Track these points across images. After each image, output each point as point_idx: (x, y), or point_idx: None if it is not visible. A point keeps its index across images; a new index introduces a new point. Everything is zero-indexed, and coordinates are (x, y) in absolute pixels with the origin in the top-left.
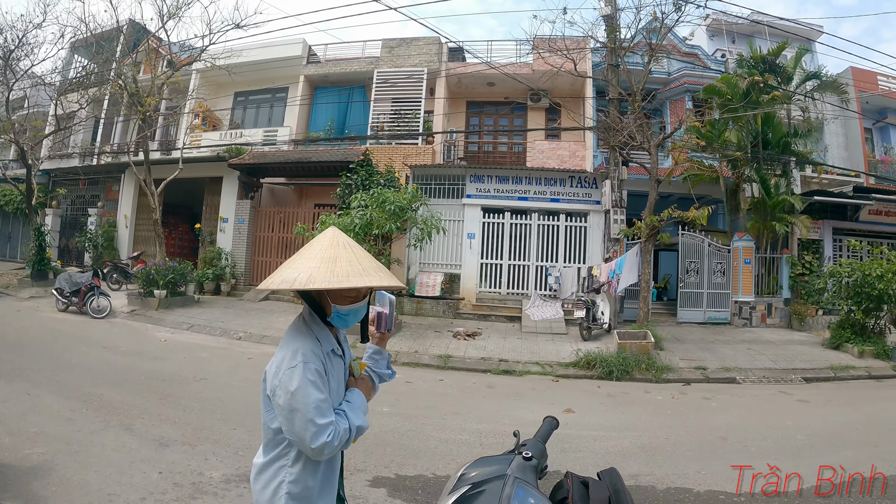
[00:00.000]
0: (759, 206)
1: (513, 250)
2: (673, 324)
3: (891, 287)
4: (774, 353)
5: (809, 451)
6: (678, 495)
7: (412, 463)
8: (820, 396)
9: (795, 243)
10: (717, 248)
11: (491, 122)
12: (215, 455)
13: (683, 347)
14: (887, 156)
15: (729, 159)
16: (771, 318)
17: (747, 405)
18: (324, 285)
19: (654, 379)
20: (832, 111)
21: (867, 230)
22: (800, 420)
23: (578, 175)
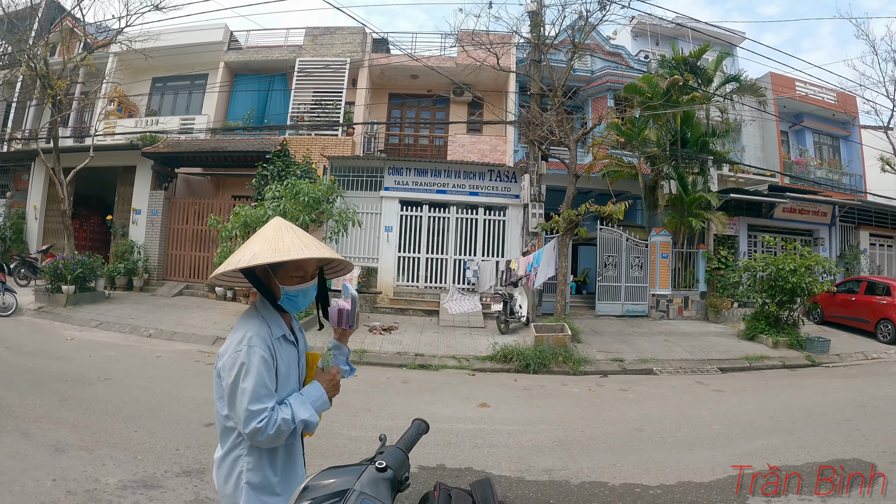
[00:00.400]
0: (676, 202)
1: (431, 244)
2: (591, 317)
3: (803, 281)
4: (691, 345)
5: (725, 440)
6: (593, 489)
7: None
8: (735, 386)
9: (712, 239)
10: (634, 243)
11: (413, 114)
12: (113, 460)
13: (601, 340)
14: (802, 157)
15: (648, 156)
16: (688, 311)
17: (664, 396)
18: (266, 259)
19: (571, 371)
20: (751, 113)
21: (781, 227)
22: (716, 410)
23: (498, 169)
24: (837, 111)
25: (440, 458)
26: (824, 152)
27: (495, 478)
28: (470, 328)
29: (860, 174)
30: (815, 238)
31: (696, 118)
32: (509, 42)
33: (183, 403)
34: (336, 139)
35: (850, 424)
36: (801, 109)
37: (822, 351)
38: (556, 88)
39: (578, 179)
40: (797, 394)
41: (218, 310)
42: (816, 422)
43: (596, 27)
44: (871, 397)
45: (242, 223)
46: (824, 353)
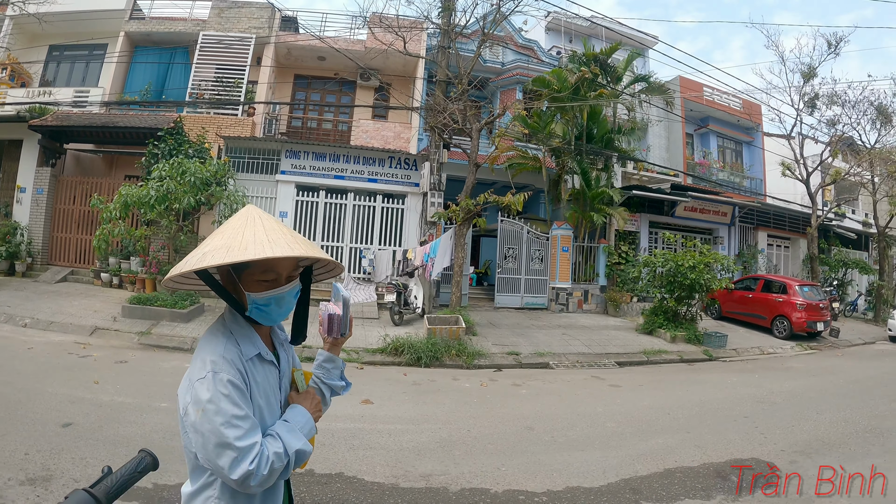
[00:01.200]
0: (579, 197)
1: (327, 231)
2: (491, 309)
3: (702, 277)
4: (589, 338)
5: (619, 439)
6: (473, 497)
7: (175, 469)
8: (632, 381)
9: (613, 234)
10: (536, 236)
11: (318, 97)
12: None
13: (498, 332)
14: (705, 159)
15: (553, 150)
16: (587, 304)
17: (558, 391)
18: (216, 261)
19: (464, 365)
20: (658, 114)
21: (682, 225)
22: (611, 406)
23: (399, 156)
24: (742, 117)
25: (311, 463)
26: (727, 156)
27: (366, 485)
28: (363, 319)
29: (761, 178)
30: (716, 237)
31: (603, 115)
32: (419, 27)
33: (44, 401)
34: (236, 119)
35: (748, 421)
36: (708, 114)
37: (719, 346)
38: (462, 76)
39: (482, 171)
40: (694, 389)
41: (101, 297)
42: (714, 418)
43: (507, 17)
44: (768, 392)
45: (122, 204)
46: (722, 347)
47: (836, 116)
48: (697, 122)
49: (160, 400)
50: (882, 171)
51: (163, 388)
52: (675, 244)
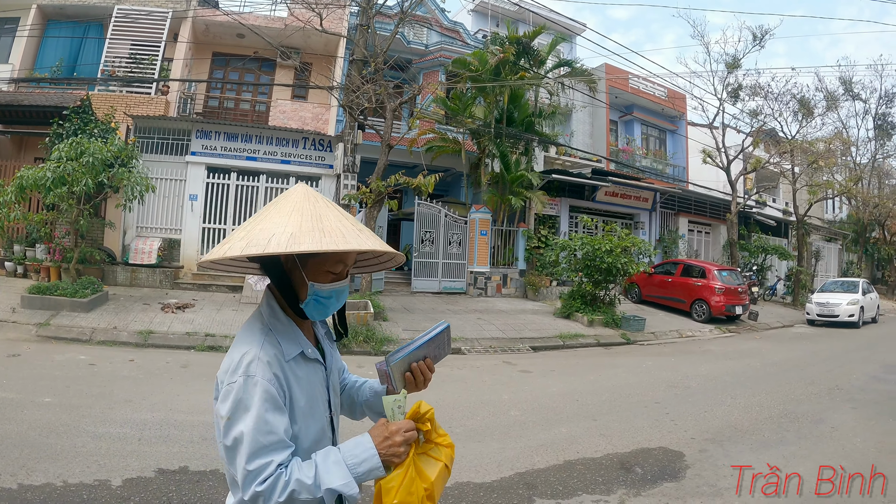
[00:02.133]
0: (499, 180)
1: (239, 214)
2: (408, 293)
3: (619, 261)
4: (504, 323)
5: (521, 428)
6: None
7: (45, 468)
8: (545, 366)
9: (532, 218)
10: (454, 219)
11: (237, 76)
12: None
13: (411, 317)
14: (629, 146)
15: (473, 133)
16: (506, 288)
17: (466, 378)
18: (314, 247)
19: (373, 352)
20: (583, 100)
21: (604, 210)
22: (518, 393)
23: (314, 137)
24: (667, 106)
25: (186, 458)
26: (651, 143)
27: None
28: None
29: (683, 166)
30: (637, 222)
31: (525, 99)
32: (338, 4)
33: None
34: (148, 98)
35: (660, 407)
36: (633, 101)
37: (637, 329)
38: (379, 55)
39: (401, 154)
40: (608, 373)
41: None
42: (624, 405)
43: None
44: (683, 376)
45: (18, 187)
46: (640, 331)
47: (758, 107)
48: (622, 110)
49: (45, 395)
50: (802, 162)
51: (51, 383)
52: (593, 228)
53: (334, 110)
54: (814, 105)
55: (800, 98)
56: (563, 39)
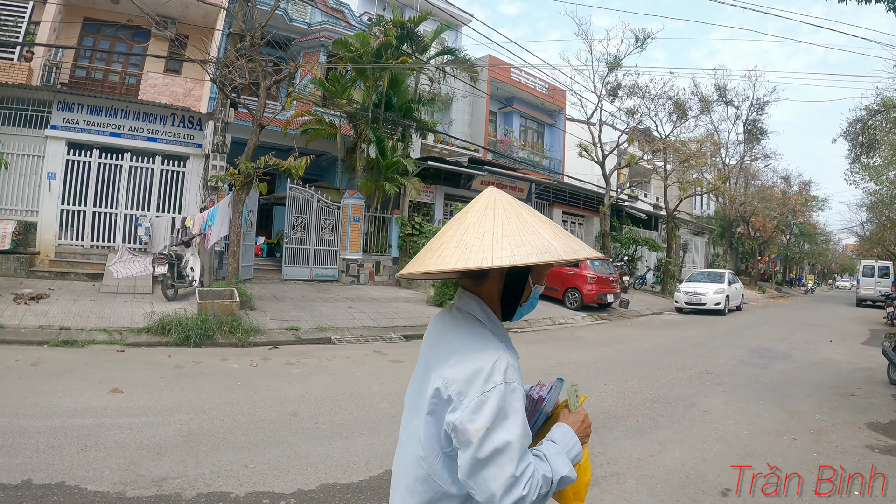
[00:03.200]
0: (374, 166)
1: (100, 195)
2: (279, 281)
3: None
4: (376, 311)
5: (390, 422)
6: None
7: None
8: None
9: (407, 205)
10: (326, 205)
11: (108, 45)
12: None
13: (279, 306)
14: (507, 137)
15: (350, 117)
16: (379, 276)
17: (334, 370)
18: (583, 255)
19: (239, 343)
20: (464, 89)
21: None
22: (388, 384)
23: (183, 114)
24: (547, 101)
25: (31, 471)
26: (529, 135)
27: (88, 496)
28: (135, 294)
29: (560, 159)
30: None
31: (405, 84)
32: None
33: None
34: (10, 64)
35: None
36: (514, 94)
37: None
38: (256, 29)
39: (275, 136)
40: None
41: None
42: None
43: None
44: (555, 364)
45: None
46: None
47: (635, 106)
48: (503, 101)
49: None
50: (674, 160)
51: None
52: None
53: (208, 86)
54: (688, 108)
55: (675, 100)
56: (448, 27)
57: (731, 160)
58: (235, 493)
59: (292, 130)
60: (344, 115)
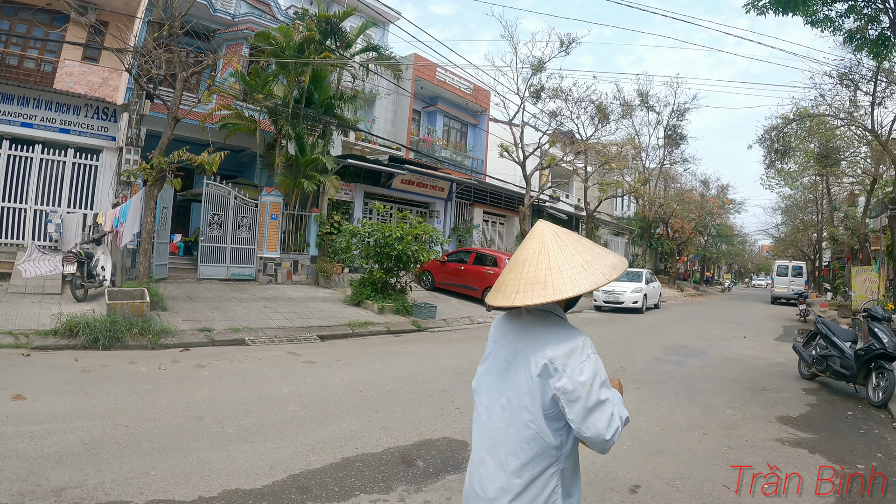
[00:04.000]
0: (293, 163)
1: (8, 190)
2: (194, 280)
3: (409, 248)
4: (292, 311)
5: (298, 425)
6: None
7: None
8: (331, 356)
9: (326, 203)
10: (244, 202)
11: (24, 29)
12: None
13: (193, 307)
14: (429, 136)
15: (271, 112)
16: (297, 275)
17: (245, 372)
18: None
19: (149, 345)
20: (388, 87)
21: (399, 198)
22: (300, 386)
23: (98, 104)
24: (471, 101)
25: None
26: (452, 135)
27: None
28: (43, 295)
29: (482, 159)
30: (432, 211)
31: (327, 80)
32: None
33: None
34: None
35: (446, 396)
36: (438, 94)
37: (428, 316)
38: (175, 18)
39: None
40: (395, 362)
41: None
42: (409, 395)
43: None
44: (471, 363)
45: None
46: (431, 318)
47: (558, 109)
48: (427, 101)
49: None
50: (595, 162)
51: None
52: (388, 216)
53: (125, 76)
54: (610, 112)
55: (598, 104)
56: (374, 24)
57: (651, 164)
58: (135, 502)
59: (211, 125)
60: (264, 111)
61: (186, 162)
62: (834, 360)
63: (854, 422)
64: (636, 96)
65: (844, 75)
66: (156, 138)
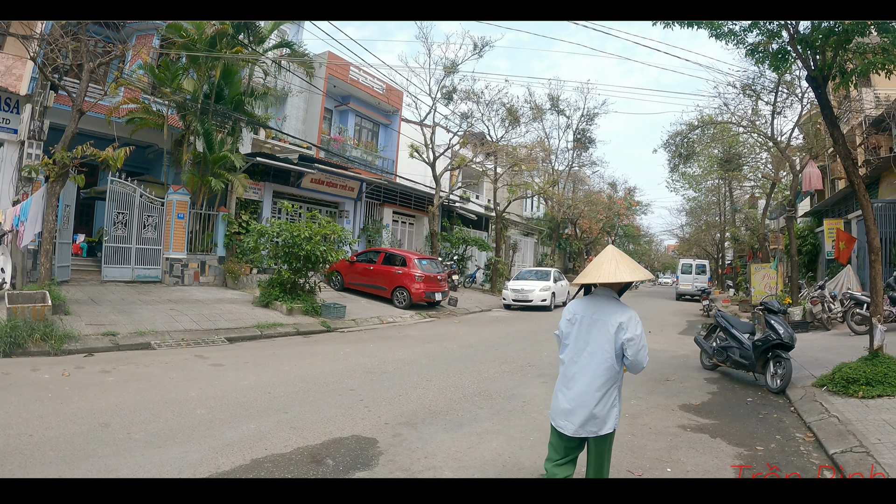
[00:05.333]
0: (201, 160)
1: None
2: (98, 282)
3: (318, 248)
4: (199, 313)
5: (206, 428)
6: None
7: None
8: (239, 358)
9: (234, 202)
10: (150, 200)
11: None
12: None
13: (97, 310)
14: (340, 135)
15: (179, 107)
16: (205, 276)
17: (152, 376)
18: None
19: (52, 351)
20: (301, 85)
21: (309, 197)
22: (207, 389)
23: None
24: (383, 101)
25: None
26: (364, 135)
27: None
28: None
29: (393, 159)
30: (342, 210)
31: (238, 76)
32: None
33: None
34: None
35: (354, 395)
36: (351, 93)
37: (338, 316)
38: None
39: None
40: (304, 363)
41: None
42: (318, 395)
43: None
44: (380, 362)
45: None
46: (340, 318)
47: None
48: (339, 99)
49: None
50: (504, 163)
51: None
52: (297, 215)
53: (30, 65)
54: (521, 114)
55: (509, 107)
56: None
57: (560, 166)
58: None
59: (117, 119)
60: (173, 105)
61: (91, 157)
62: (733, 350)
63: (754, 407)
64: (547, 100)
65: (747, 86)
66: (60, 132)
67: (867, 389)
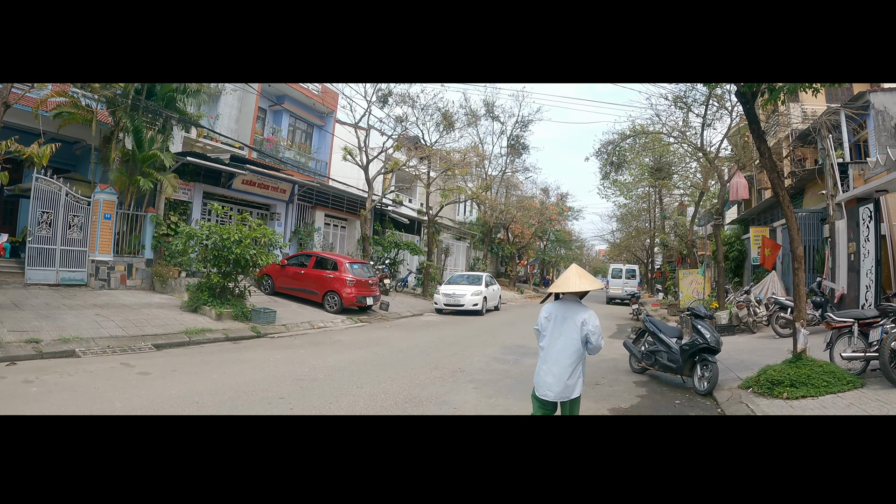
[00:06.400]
0: (130, 158)
1: None
2: (21, 286)
3: (248, 252)
4: (126, 319)
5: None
6: None
7: None
8: (167, 366)
9: (163, 202)
10: (76, 199)
11: None
12: None
13: (20, 315)
14: (274, 136)
15: (109, 102)
16: (132, 280)
17: (76, 386)
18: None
19: None
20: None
21: (240, 198)
22: (133, 399)
23: None
24: (318, 102)
25: None
26: (297, 136)
27: None
28: None
29: (327, 161)
30: (273, 213)
31: None
32: None
33: None
34: None
35: (284, 403)
36: (286, 93)
37: (268, 322)
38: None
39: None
40: (233, 370)
41: None
42: (247, 404)
43: None
44: (310, 368)
45: None
46: (271, 323)
47: (404, 114)
48: (273, 99)
49: None
50: (438, 168)
51: None
52: (228, 217)
53: None
54: (456, 119)
55: (444, 112)
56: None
57: (493, 171)
58: None
59: (45, 112)
60: (102, 100)
61: (15, 153)
62: (661, 354)
63: (682, 409)
64: (483, 106)
65: (679, 98)
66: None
67: (791, 391)
